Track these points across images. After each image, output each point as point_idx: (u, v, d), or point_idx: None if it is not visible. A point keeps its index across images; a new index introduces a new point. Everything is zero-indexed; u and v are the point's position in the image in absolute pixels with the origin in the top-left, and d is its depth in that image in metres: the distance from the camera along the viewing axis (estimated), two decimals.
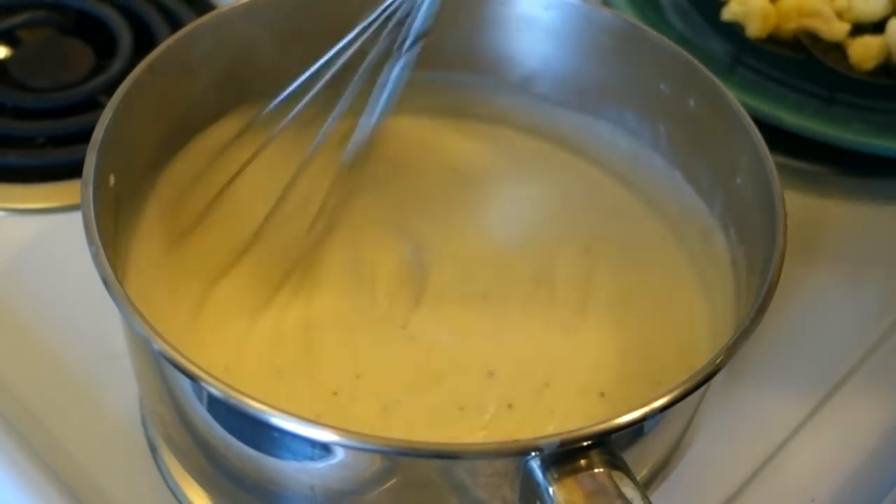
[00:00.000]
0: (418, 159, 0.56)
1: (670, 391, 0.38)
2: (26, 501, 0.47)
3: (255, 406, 0.36)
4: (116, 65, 0.65)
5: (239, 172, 0.52)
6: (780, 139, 0.56)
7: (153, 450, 0.50)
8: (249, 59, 0.54)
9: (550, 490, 0.36)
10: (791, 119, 0.62)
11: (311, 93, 0.51)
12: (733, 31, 0.64)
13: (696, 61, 0.51)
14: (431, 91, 0.57)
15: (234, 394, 0.37)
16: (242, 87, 0.54)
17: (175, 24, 0.67)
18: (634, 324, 0.50)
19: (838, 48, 0.63)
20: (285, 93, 0.51)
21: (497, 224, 0.54)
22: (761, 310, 0.41)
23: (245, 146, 0.53)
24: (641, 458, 0.43)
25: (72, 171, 0.59)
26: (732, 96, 0.50)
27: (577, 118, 0.57)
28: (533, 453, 0.36)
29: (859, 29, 0.64)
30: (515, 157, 0.57)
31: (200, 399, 0.40)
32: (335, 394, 0.46)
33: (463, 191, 0.55)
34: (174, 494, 0.48)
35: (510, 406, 0.47)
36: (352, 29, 0.51)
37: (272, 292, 0.50)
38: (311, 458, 0.38)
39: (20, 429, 0.49)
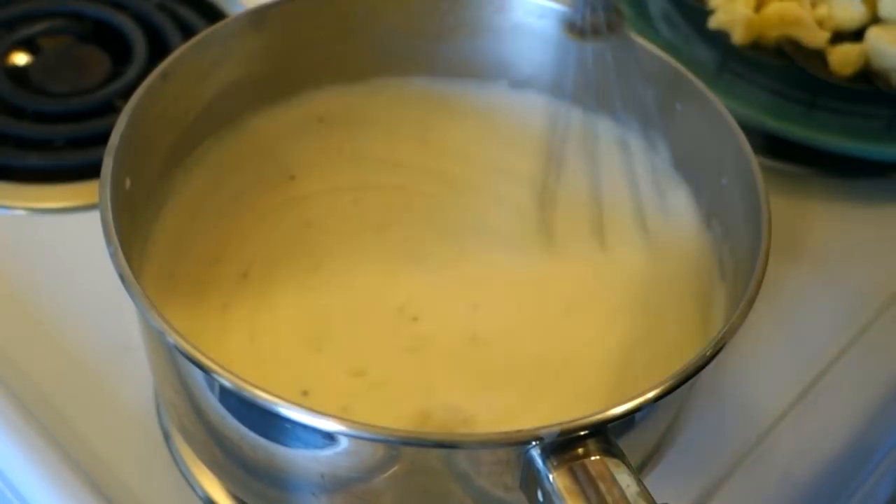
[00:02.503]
0: (418, 157, 0.56)
1: (663, 382, 0.38)
2: (46, 486, 0.47)
3: (265, 397, 0.36)
4: (132, 71, 0.65)
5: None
6: (763, 142, 0.56)
7: (167, 438, 0.49)
8: (258, 66, 0.53)
9: (550, 477, 0.36)
10: (774, 123, 0.61)
11: None
12: (719, 39, 0.64)
13: (682, 67, 0.51)
14: (431, 94, 0.56)
15: (245, 385, 0.36)
16: (251, 93, 0.54)
17: (187, 32, 0.67)
18: (622, 318, 0.50)
19: (819, 55, 0.63)
20: None
21: (492, 221, 0.54)
22: (748, 304, 0.41)
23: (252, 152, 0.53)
24: (635, 446, 0.43)
25: (90, 172, 0.58)
26: (718, 100, 0.49)
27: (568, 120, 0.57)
28: (533, 442, 0.36)
29: (839, 37, 0.63)
30: (510, 157, 0.57)
31: (213, 390, 0.39)
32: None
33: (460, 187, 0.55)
34: (187, 481, 0.48)
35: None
36: None
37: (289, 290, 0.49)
38: (320, 447, 0.38)
39: (40, 417, 0.49)
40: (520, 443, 0.36)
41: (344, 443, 0.37)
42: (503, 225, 0.53)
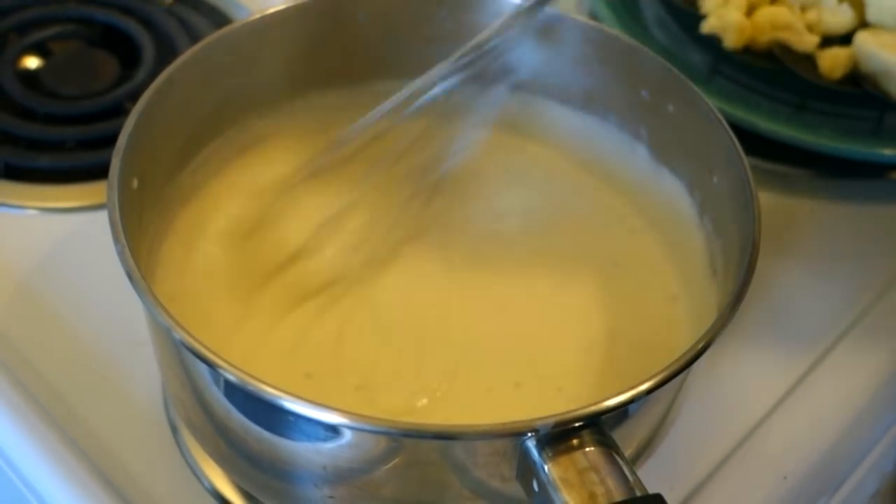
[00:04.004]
0: (418, 157, 0.56)
1: (655, 375, 0.38)
2: (56, 478, 0.47)
3: (269, 391, 0.36)
4: (140, 74, 0.65)
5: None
6: (754, 143, 0.56)
7: (174, 431, 0.49)
8: (262, 70, 0.53)
9: (546, 468, 0.36)
10: (765, 124, 0.61)
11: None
12: (711, 43, 0.64)
13: (674, 70, 0.51)
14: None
15: (249, 380, 0.36)
16: (256, 97, 0.54)
17: (195, 36, 0.67)
18: (616, 314, 0.50)
19: (809, 59, 0.63)
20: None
21: (487, 218, 0.54)
22: (739, 299, 0.41)
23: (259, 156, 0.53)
24: (629, 437, 0.43)
25: (99, 172, 0.58)
26: (709, 102, 0.49)
27: (563, 120, 0.56)
28: (529, 434, 0.36)
29: (828, 41, 0.63)
30: (508, 156, 0.57)
31: (218, 385, 0.39)
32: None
33: (460, 187, 0.55)
34: (194, 473, 0.48)
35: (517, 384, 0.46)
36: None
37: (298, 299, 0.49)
38: (323, 440, 0.38)
39: (51, 411, 0.49)
40: (515, 434, 0.36)
41: (346, 435, 0.37)
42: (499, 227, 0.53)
